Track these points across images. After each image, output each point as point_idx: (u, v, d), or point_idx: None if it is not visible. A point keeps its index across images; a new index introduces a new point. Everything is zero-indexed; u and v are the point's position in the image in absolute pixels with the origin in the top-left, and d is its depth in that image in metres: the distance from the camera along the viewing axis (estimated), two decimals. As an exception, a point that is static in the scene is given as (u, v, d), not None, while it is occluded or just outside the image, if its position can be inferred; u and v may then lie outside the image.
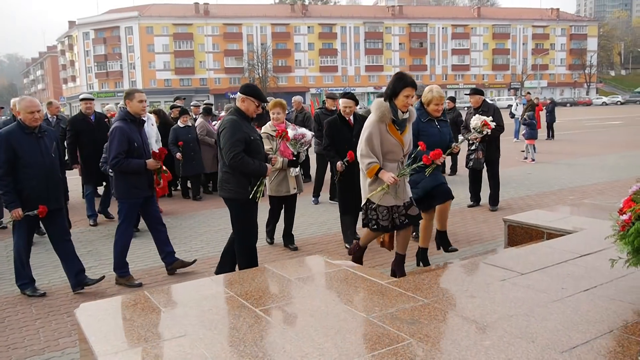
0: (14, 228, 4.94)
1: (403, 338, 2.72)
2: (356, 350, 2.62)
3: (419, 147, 4.49)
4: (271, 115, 6.15)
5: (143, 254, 6.32)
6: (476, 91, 7.89)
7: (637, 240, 2.90)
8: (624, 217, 3.06)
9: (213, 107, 12.86)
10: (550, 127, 20.17)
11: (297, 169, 6.13)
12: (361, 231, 5.28)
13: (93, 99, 8.32)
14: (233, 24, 75.99)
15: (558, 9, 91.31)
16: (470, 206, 8.19)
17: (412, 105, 4.37)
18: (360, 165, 4.41)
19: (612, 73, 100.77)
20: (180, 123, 9.56)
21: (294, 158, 5.89)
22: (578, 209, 6.30)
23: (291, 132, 5.60)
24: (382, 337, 2.73)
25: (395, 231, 4.67)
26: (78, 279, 5.07)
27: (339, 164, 6.02)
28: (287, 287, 3.66)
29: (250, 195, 4.59)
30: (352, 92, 6.75)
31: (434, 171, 4.77)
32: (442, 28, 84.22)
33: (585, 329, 2.77)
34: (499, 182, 8.04)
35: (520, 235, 5.24)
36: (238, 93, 4.71)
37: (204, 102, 11.98)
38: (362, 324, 2.95)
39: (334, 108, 8.70)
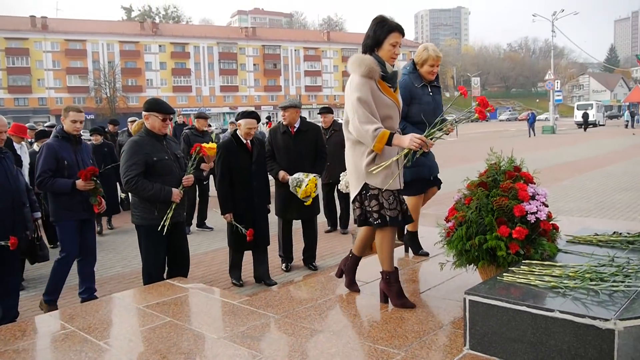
0: None
1: (254, 355, 2.75)
2: (206, 372, 2.60)
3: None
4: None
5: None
6: (328, 110, 8.08)
7: (460, 244, 3.25)
8: (449, 224, 3.43)
9: (54, 129, 11.79)
10: None
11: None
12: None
13: None
14: (76, 40, 71.04)
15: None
16: (327, 231, 8.09)
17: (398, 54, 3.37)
18: (354, 138, 3.27)
19: (447, 94, 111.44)
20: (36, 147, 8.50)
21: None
22: (422, 219, 6.83)
23: None
24: (232, 357, 2.74)
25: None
26: None
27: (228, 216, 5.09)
28: (135, 316, 3.51)
29: (161, 224, 4.22)
30: (254, 110, 5.95)
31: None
32: (295, 50, 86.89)
33: (420, 327, 3.04)
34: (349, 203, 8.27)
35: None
36: (142, 112, 4.42)
37: (45, 124, 11.01)
38: (213, 345, 2.93)
39: (205, 129, 8.48)
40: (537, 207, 3.09)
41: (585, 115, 40.29)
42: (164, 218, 4.22)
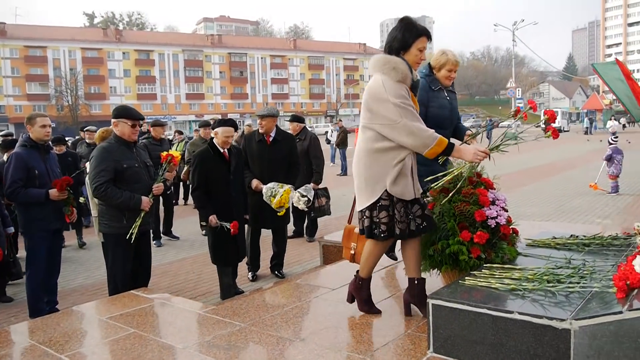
0: None
1: (219, 364, 2.74)
2: (171, 383, 2.57)
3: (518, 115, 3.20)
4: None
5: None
6: (295, 118, 7.90)
7: (423, 250, 3.31)
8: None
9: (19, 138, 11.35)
10: None
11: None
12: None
13: None
14: (36, 47, 69.31)
15: (365, 44, 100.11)
16: (290, 237, 8.16)
17: (424, 60, 3.24)
18: (378, 146, 3.00)
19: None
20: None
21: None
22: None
23: None
24: (198, 367, 2.72)
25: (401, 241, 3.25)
26: None
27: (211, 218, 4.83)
28: (98, 328, 3.45)
29: (130, 232, 4.14)
30: (231, 118, 5.77)
31: None
32: (261, 58, 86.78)
33: (386, 332, 3.07)
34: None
35: (333, 253, 5.59)
36: (112, 119, 4.32)
37: (2, 132, 10.70)
38: (178, 355, 2.90)
39: (163, 136, 8.32)
40: (497, 212, 3.18)
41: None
42: (133, 226, 4.16)
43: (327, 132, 25.52)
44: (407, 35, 3.05)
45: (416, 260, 3.21)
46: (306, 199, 5.32)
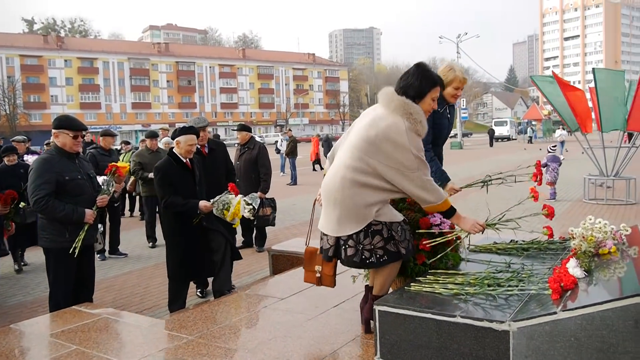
0: None
1: (166, 379, 2.69)
2: (115, 400, 2.50)
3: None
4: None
5: None
6: (243, 127, 7.90)
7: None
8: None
9: None
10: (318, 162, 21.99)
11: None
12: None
13: None
14: (-30, 53, 66.47)
15: (314, 54, 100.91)
16: (239, 248, 8.06)
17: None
18: (366, 180, 2.89)
19: (362, 111, 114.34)
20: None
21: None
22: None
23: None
24: (143, 382, 2.66)
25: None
26: None
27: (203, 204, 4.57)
28: (38, 346, 3.31)
29: (73, 246, 3.97)
30: (192, 126, 5.16)
31: None
32: (210, 67, 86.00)
33: (334, 340, 3.10)
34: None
35: (282, 263, 5.59)
36: (52, 130, 4.13)
37: None
38: (123, 371, 2.83)
39: (112, 147, 8.06)
40: (440, 219, 3.26)
41: (491, 132, 42.98)
42: (77, 239, 4.02)
43: (277, 142, 25.51)
44: (424, 83, 2.98)
45: (390, 281, 3.10)
46: (251, 207, 5.27)
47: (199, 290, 5.71)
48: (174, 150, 4.72)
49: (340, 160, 3.00)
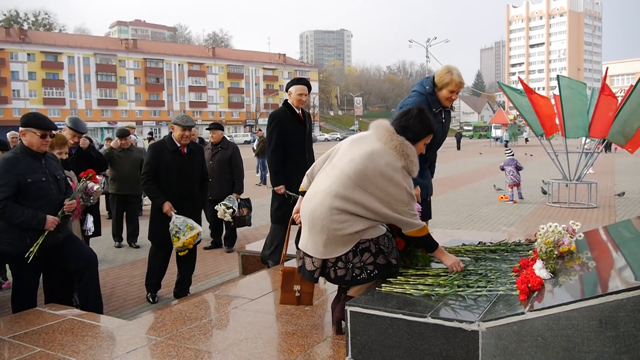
0: None
1: (134, 380, 2.64)
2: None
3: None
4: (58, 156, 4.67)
5: None
6: (217, 126, 7.68)
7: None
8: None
9: None
10: None
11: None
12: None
13: None
14: None
15: (284, 55, 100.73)
16: (207, 248, 7.90)
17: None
18: (355, 210, 2.88)
19: (332, 113, 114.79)
20: None
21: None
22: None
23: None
24: (111, 384, 2.61)
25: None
26: None
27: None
28: (1, 348, 3.21)
29: (29, 251, 3.78)
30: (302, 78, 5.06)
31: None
32: (179, 65, 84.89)
33: (305, 341, 3.10)
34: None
35: (252, 263, 5.57)
36: (19, 127, 3.93)
37: None
38: (89, 373, 2.77)
39: (87, 146, 7.82)
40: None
41: (458, 136, 43.64)
42: (34, 244, 3.82)
43: (252, 142, 25.31)
44: (423, 130, 3.05)
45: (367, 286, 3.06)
46: (231, 210, 5.22)
47: (149, 294, 5.41)
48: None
49: (325, 185, 2.95)
